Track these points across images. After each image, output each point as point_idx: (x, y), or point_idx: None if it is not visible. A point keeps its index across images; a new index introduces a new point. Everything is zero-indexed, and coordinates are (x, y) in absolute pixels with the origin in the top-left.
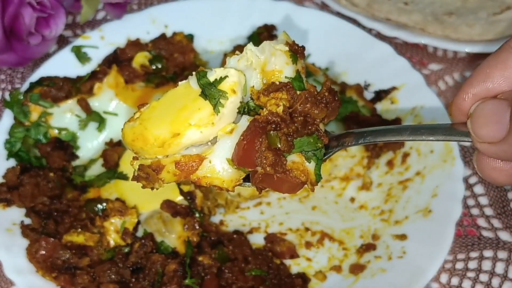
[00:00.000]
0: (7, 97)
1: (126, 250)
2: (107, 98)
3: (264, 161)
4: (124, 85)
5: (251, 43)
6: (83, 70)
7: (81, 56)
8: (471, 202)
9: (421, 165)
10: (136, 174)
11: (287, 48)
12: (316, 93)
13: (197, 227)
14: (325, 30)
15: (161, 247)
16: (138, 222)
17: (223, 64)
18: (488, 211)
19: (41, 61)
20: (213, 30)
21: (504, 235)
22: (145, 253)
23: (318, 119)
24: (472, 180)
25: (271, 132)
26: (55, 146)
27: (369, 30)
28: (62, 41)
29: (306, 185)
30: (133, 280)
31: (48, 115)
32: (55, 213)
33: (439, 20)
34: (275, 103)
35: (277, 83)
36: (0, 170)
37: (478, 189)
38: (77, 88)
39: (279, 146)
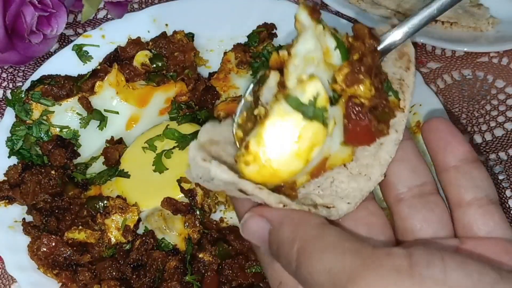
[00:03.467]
0: (8, 95)
1: (127, 247)
2: (108, 97)
3: (381, 134)
4: (125, 84)
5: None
6: (84, 68)
7: (82, 54)
8: None
9: None
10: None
11: (310, 22)
12: (365, 46)
13: (198, 225)
14: None
15: (161, 244)
16: (139, 220)
17: (223, 62)
18: None
19: (43, 60)
20: (213, 29)
21: None
22: (146, 250)
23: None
24: None
25: (381, 110)
26: (57, 144)
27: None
28: (63, 40)
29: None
30: (134, 276)
31: (50, 113)
32: (57, 211)
33: (468, 12)
34: (367, 88)
35: (357, 74)
36: (1, 167)
37: None
38: (78, 86)
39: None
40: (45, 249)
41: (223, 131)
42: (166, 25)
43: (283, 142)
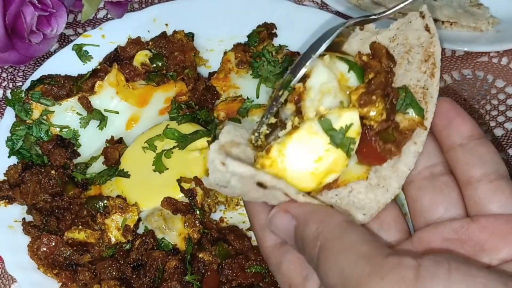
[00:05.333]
0: (8, 95)
1: (127, 247)
2: (108, 96)
3: (390, 154)
4: (125, 83)
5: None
6: (84, 68)
7: (82, 54)
8: None
9: None
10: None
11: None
12: (381, 66)
13: (198, 224)
14: (324, 29)
15: (161, 244)
16: (139, 219)
17: (223, 62)
18: None
19: (43, 60)
20: (213, 29)
21: None
22: (146, 249)
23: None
24: None
25: (385, 132)
26: (57, 143)
27: None
28: (63, 40)
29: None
30: (134, 276)
31: (50, 113)
32: (57, 210)
33: (468, 12)
34: (379, 112)
35: (371, 95)
36: (1, 167)
37: None
38: (78, 86)
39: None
40: (45, 249)
41: (244, 133)
42: (166, 25)
43: (303, 157)
